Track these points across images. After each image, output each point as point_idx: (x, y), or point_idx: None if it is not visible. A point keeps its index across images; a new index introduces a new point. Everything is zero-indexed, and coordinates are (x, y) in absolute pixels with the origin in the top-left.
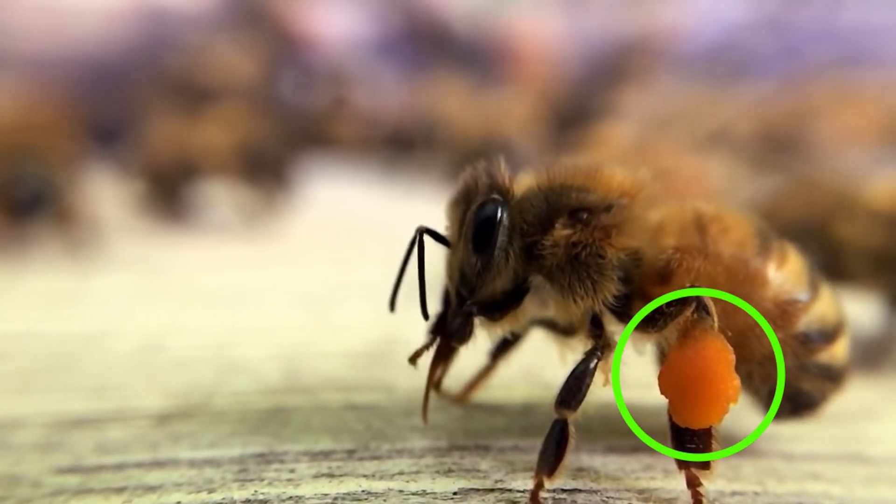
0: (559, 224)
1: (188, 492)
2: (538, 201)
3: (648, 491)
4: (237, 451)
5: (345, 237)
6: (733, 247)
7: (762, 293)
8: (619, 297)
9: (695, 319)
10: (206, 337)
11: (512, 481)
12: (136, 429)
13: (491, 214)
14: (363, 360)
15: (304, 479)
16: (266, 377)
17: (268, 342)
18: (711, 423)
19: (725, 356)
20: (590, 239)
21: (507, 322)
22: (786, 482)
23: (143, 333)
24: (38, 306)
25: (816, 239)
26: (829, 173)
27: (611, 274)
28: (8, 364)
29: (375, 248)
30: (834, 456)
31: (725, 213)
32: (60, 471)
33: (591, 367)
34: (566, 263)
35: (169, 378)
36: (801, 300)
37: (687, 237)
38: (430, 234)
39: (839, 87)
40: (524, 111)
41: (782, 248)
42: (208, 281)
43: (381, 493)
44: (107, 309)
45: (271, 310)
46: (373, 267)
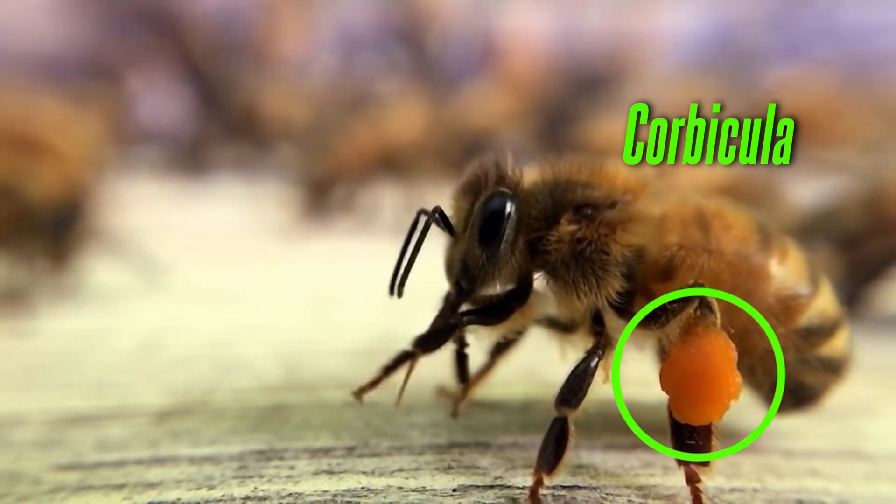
0: (564, 219)
1: (188, 489)
2: (543, 196)
3: (647, 488)
4: (237, 448)
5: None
6: (736, 243)
7: (765, 288)
8: (622, 294)
9: (698, 316)
10: (206, 334)
11: (511, 478)
12: (136, 426)
13: (499, 207)
14: (363, 357)
15: (303, 475)
16: (266, 374)
17: (267, 340)
18: (712, 420)
19: (728, 353)
20: (595, 235)
21: (509, 324)
22: (785, 479)
23: (144, 331)
24: (37, 305)
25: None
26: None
27: (614, 270)
28: (8, 361)
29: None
30: (833, 453)
31: (726, 209)
32: (60, 468)
33: (593, 365)
34: (571, 259)
35: (169, 375)
36: (803, 295)
37: (690, 234)
38: (433, 215)
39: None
40: (507, 107)
41: (783, 243)
42: (208, 279)
43: (380, 489)
44: (107, 306)
45: (271, 307)
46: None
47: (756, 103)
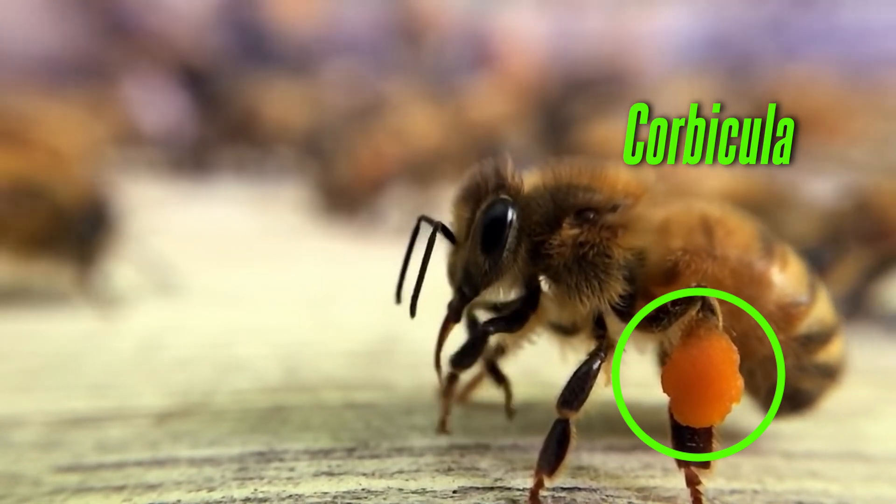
0: (566, 224)
1: (188, 490)
2: (545, 201)
3: (647, 489)
4: (237, 450)
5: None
6: (739, 249)
7: (766, 296)
8: (624, 297)
9: (700, 318)
10: (206, 335)
11: (511, 480)
12: (135, 427)
13: (501, 215)
14: (363, 358)
15: (303, 477)
16: (266, 376)
17: (268, 341)
18: (713, 423)
19: (730, 356)
20: (597, 238)
21: (526, 330)
22: (785, 480)
23: (144, 332)
24: (37, 305)
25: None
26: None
27: (617, 273)
28: (8, 362)
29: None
30: (833, 454)
31: (729, 216)
32: (60, 469)
33: (595, 368)
34: (573, 263)
35: (169, 376)
36: (802, 302)
37: (694, 239)
38: (428, 221)
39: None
40: (505, 109)
41: (784, 251)
42: (208, 280)
43: (380, 491)
44: (108, 307)
45: (271, 308)
46: (373, 267)
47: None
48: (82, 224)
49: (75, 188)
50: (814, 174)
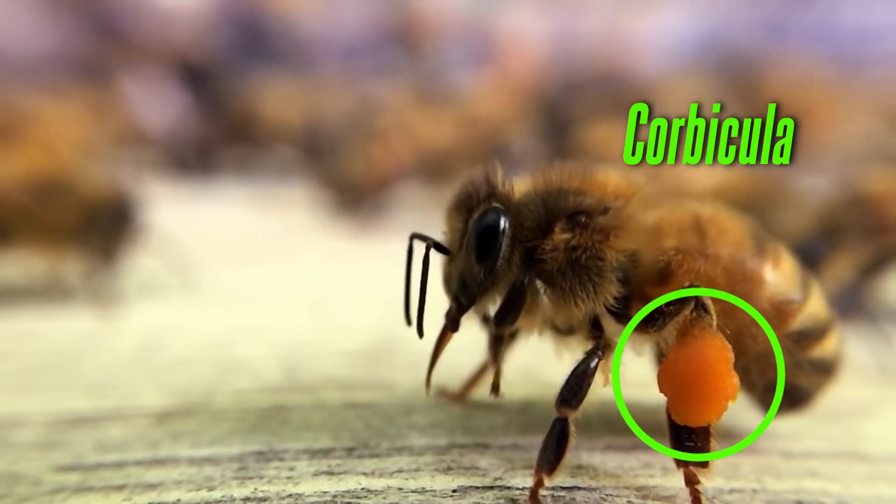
0: (558, 228)
1: (188, 489)
2: (536, 206)
3: (647, 488)
4: (237, 449)
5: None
6: (731, 248)
7: (759, 294)
8: (619, 299)
9: (694, 318)
10: (206, 335)
11: (511, 479)
12: (135, 427)
13: (493, 223)
14: (362, 358)
15: (303, 476)
16: (266, 376)
17: (268, 340)
18: (710, 421)
19: (725, 354)
20: (589, 242)
21: (522, 322)
22: (784, 480)
23: (144, 332)
24: (36, 306)
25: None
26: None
27: (610, 276)
28: (8, 362)
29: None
30: (832, 454)
31: (721, 215)
32: (60, 469)
33: (593, 366)
34: (567, 267)
35: (169, 376)
36: (795, 300)
37: (687, 238)
38: (421, 239)
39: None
40: (505, 109)
41: (776, 248)
42: (208, 280)
43: (380, 490)
44: (108, 307)
45: (271, 308)
46: (374, 267)
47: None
48: (108, 219)
49: (101, 183)
50: (807, 169)
